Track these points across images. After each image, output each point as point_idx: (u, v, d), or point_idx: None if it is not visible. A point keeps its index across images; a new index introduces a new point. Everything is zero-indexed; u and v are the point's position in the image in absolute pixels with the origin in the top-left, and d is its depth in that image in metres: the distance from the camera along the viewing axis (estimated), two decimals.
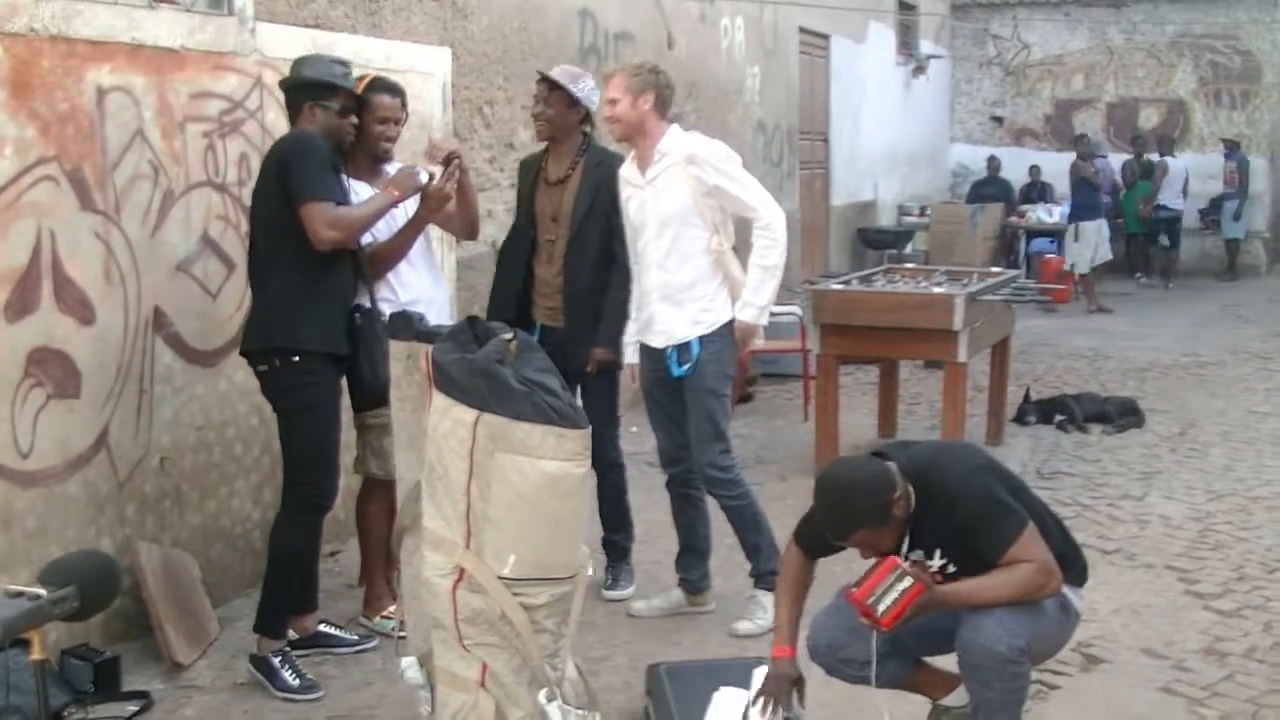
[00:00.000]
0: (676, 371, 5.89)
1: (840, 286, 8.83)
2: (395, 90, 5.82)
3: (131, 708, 5.13)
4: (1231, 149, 20.03)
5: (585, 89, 6.20)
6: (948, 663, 4.40)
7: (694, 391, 5.90)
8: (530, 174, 6.38)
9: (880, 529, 4.14)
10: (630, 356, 6.17)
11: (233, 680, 5.38)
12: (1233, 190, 19.88)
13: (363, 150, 5.74)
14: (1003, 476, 4.34)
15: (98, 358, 5.47)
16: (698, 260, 5.85)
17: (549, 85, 6.19)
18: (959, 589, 4.12)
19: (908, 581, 3.98)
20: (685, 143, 5.88)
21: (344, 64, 5.64)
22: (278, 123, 6.27)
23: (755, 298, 5.85)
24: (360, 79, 5.70)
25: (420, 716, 4.38)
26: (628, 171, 6.00)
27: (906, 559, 4.18)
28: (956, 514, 4.11)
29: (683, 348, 5.88)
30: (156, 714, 5.14)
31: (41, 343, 5.22)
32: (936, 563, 4.21)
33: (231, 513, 6.20)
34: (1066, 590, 4.30)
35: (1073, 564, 4.34)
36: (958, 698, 4.51)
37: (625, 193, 5.99)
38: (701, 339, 5.86)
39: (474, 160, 8.20)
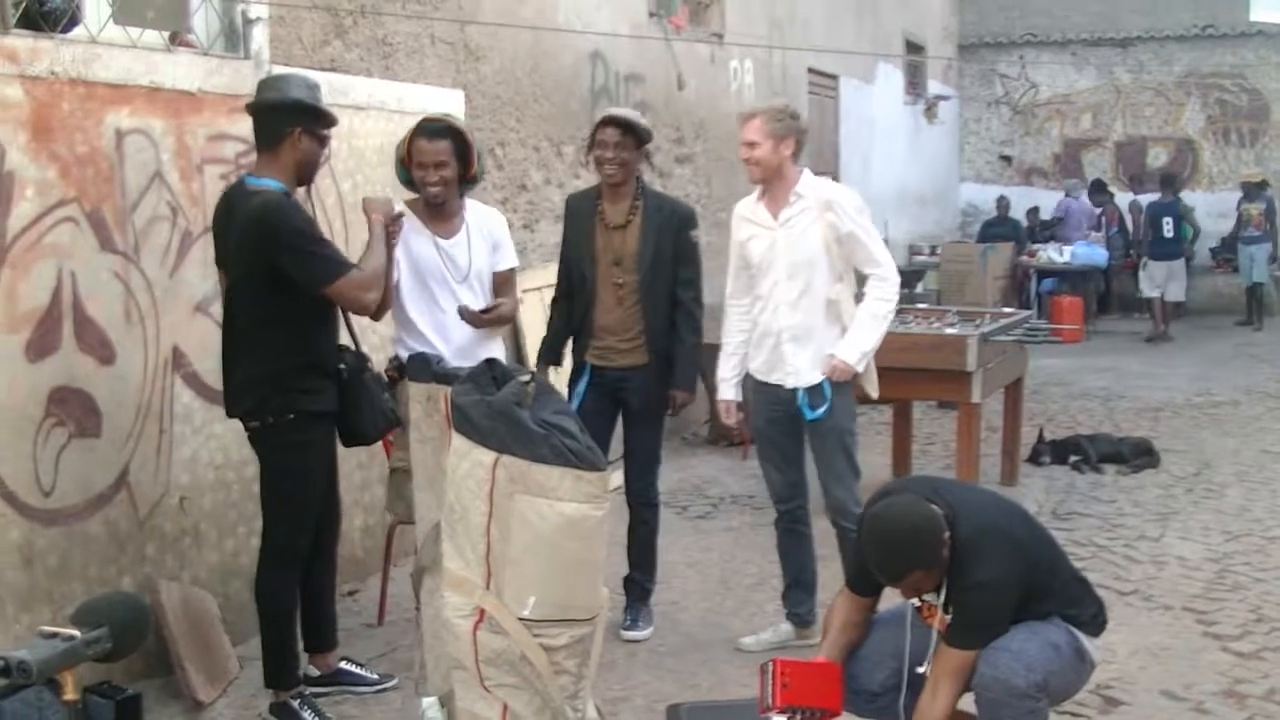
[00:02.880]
0: (811, 415, 5.93)
1: None
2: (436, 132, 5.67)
3: None
4: (1254, 190, 18.99)
5: (648, 128, 6.36)
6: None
7: (830, 433, 5.95)
8: (587, 217, 6.37)
9: (931, 571, 4.18)
10: (729, 393, 6.19)
11: (253, 717, 5.38)
12: (1261, 234, 18.68)
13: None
14: (1029, 561, 4.35)
15: (118, 397, 5.50)
16: (825, 303, 5.89)
17: (621, 129, 6.21)
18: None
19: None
20: (822, 188, 5.96)
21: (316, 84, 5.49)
22: None
23: (860, 341, 5.91)
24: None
25: None
26: (751, 211, 6.01)
27: (923, 599, 4.25)
28: (961, 592, 4.20)
29: (813, 390, 5.91)
30: None
31: (63, 382, 5.25)
32: (941, 600, 4.25)
33: (250, 551, 6.18)
34: (1082, 637, 4.32)
35: (1091, 617, 4.38)
36: None
37: (746, 232, 5.99)
38: (831, 381, 5.90)
39: (487, 200, 8.22)
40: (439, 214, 5.75)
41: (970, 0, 22.39)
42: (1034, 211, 20.72)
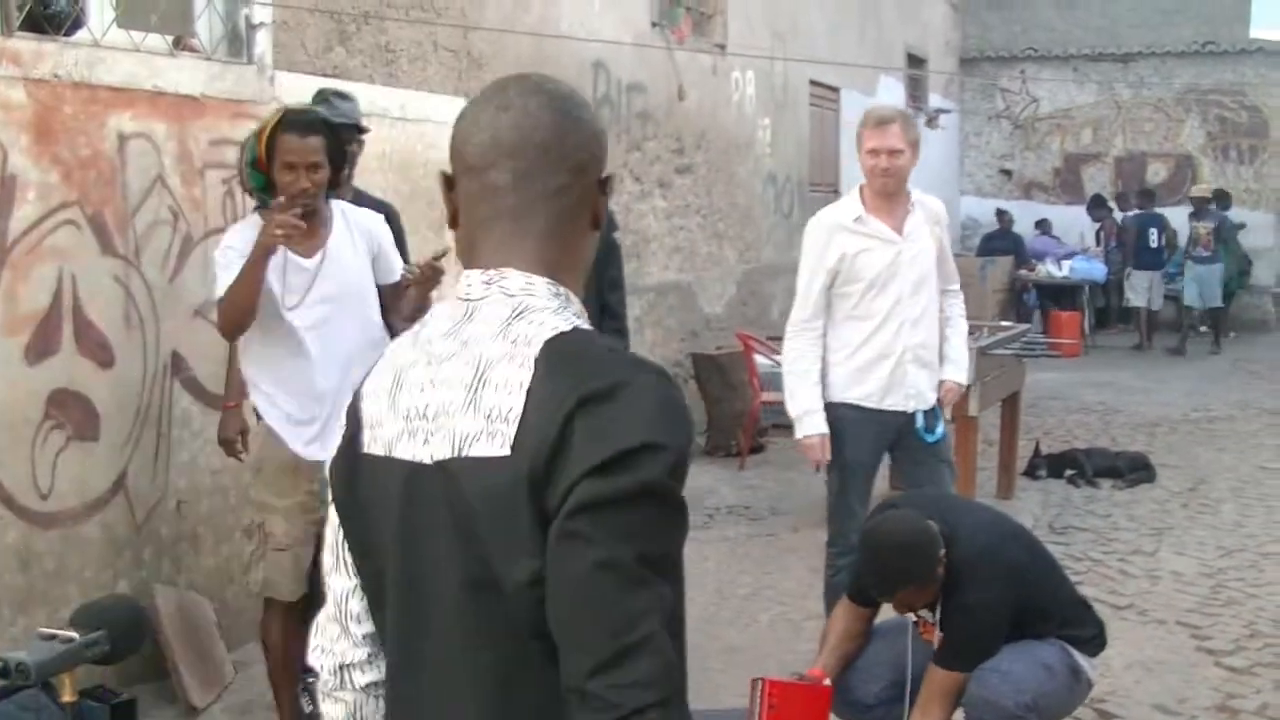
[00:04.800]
0: (930, 438, 5.68)
1: None
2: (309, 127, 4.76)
3: None
4: (1203, 207, 18.21)
5: None
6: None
7: (940, 461, 5.75)
8: None
9: (923, 588, 4.19)
10: (820, 426, 5.61)
11: None
12: (1210, 254, 17.97)
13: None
14: (1026, 584, 4.37)
15: (117, 400, 5.51)
16: (937, 321, 5.75)
17: None
18: None
19: None
20: (927, 199, 5.79)
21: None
22: None
23: (965, 361, 5.88)
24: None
25: None
26: (857, 222, 5.58)
27: (919, 615, 4.26)
28: (952, 613, 4.18)
29: (929, 413, 5.70)
30: None
31: (61, 385, 5.27)
32: (936, 619, 4.26)
33: (246, 557, 6.21)
34: (1079, 657, 4.34)
35: (1089, 637, 4.39)
36: None
37: (856, 245, 5.54)
38: (939, 403, 5.77)
39: None
40: (306, 226, 4.70)
41: (972, 14, 22.42)
42: (1043, 222, 20.69)
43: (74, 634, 2.87)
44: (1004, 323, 10.70)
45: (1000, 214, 20.64)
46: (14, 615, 5.04)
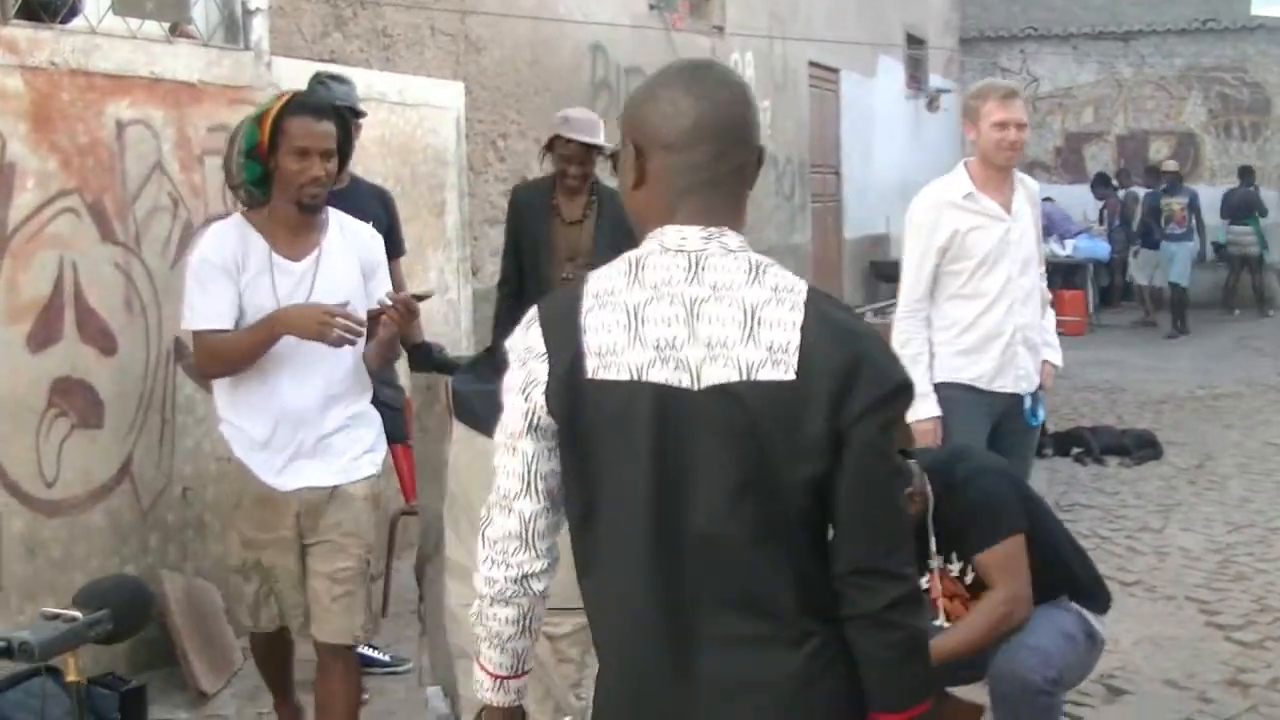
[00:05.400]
0: (1034, 420, 5.62)
1: None
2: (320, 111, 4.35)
3: None
4: (1175, 183, 18.18)
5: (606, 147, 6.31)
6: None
7: (1032, 443, 5.73)
8: (541, 212, 6.40)
9: None
10: (934, 409, 5.48)
11: (256, 710, 5.37)
12: (1183, 231, 17.80)
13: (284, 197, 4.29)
14: (1020, 488, 4.34)
15: (120, 388, 5.49)
16: (1040, 302, 5.68)
17: (587, 147, 6.26)
18: (935, 647, 4.12)
19: None
20: (1027, 179, 5.70)
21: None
22: None
23: (1057, 342, 5.85)
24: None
25: None
26: (966, 199, 5.45)
27: (929, 563, 4.19)
28: (958, 508, 4.09)
29: (1034, 395, 5.63)
30: None
31: (64, 373, 5.25)
32: (955, 567, 4.21)
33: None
34: (1090, 618, 4.30)
35: (1094, 593, 4.35)
36: None
37: (968, 222, 5.43)
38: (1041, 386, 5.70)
39: (488, 193, 8.24)
40: (301, 227, 4.30)
41: None
42: (1047, 200, 20.63)
43: (77, 614, 2.85)
44: None
45: None
46: (21, 603, 5.03)
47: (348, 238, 4.40)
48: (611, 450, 2.21)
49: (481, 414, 3.88)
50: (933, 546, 4.20)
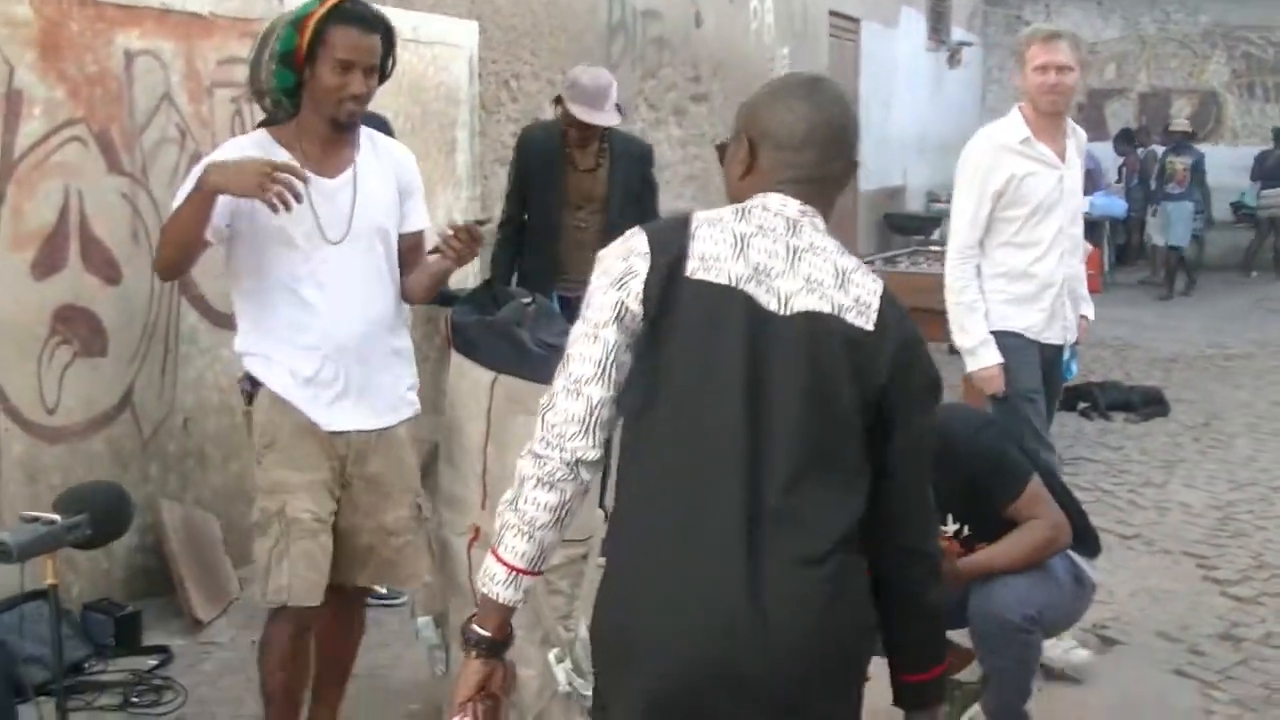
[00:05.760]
0: (1071, 373, 5.62)
1: None
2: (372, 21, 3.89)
3: (151, 661, 5.20)
4: (1182, 143, 17.70)
5: (615, 98, 6.33)
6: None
7: (1057, 396, 5.71)
8: (554, 158, 6.43)
9: None
10: (996, 356, 5.45)
11: (250, 638, 5.40)
12: (1182, 191, 17.25)
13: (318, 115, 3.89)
14: (1007, 433, 4.36)
15: (124, 317, 5.52)
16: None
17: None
18: (976, 559, 4.14)
19: None
20: (1079, 129, 5.65)
21: None
22: None
23: (1089, 296, 5.87)
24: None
25: (436, 676, 4.42)
26: (1022, 144, 5.40)
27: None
28: (963, 470, 4.09)
29: (1071, 348, 5.67)
30: (176, 668, 5.20)
31: (68, 300, 5.28)
32: (951, 528, 4.22)
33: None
34: (1079, 560, 4.31)
35: (1082, 534, 4.33)
36: (972, 673, 4.53)
37: (1024, 167, 5.38)
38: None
39: (500, 133, 8.22)
40: (332, 144, 3.92)
41: None
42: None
43: (56, 517, 2.88)
44: None
45: None
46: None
47: (381, 155, 4.04)
48: (696, 348, 2.43)
49: (480, 345, 3.91)
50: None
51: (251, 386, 3.92)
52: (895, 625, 2.59)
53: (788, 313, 2.43)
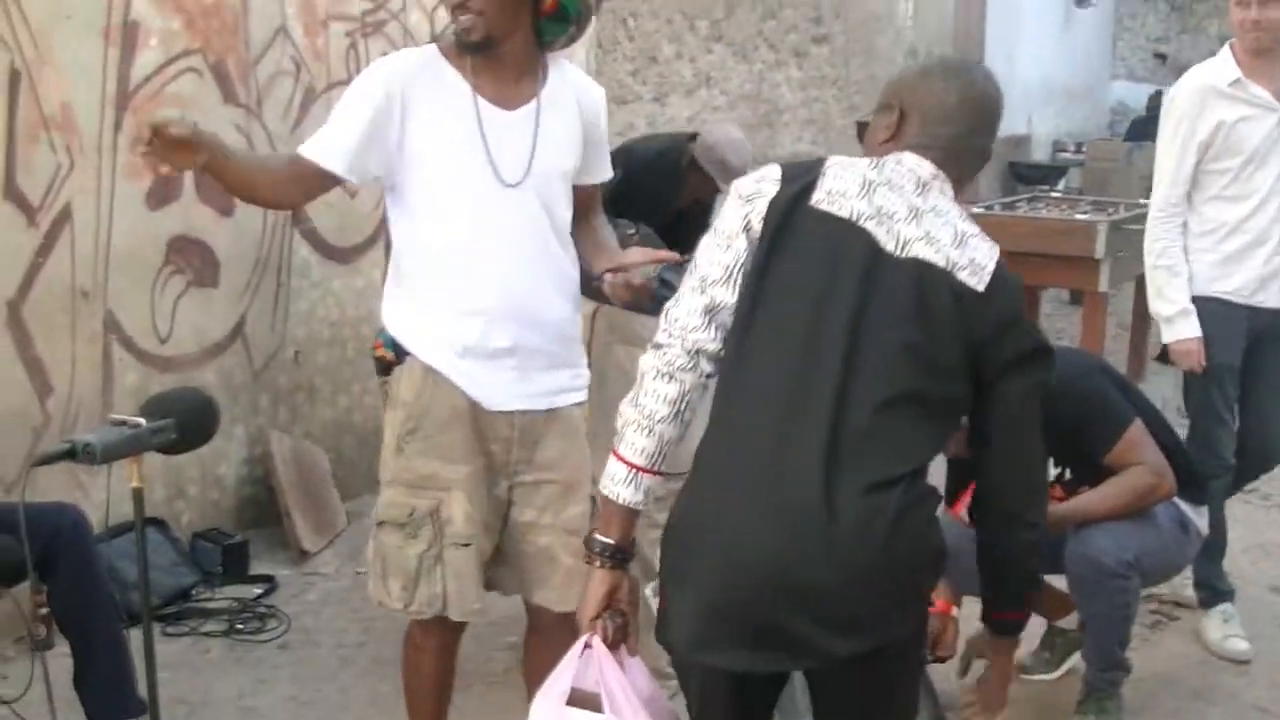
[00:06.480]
0: None
1: (981, 210, 8.68)
2: None
3: (257, 590, 5.29)
4: None
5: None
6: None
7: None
8: (662, 203, 5.66)
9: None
10: (1192, 329, 4.91)
11: (355, 569, 5.47)
12: None
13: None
14: (1113, 376, 4.26)
15: (236, 248, 5.57)
16: None
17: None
18: (1072, 505, 4.07)
19: None
20: None
21: None
22: (420, 25, 6.34)
23: None
24: None
25: None
26: (1235, 85, 4.85)
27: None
28: (1062, 413, 4.00)
29: None
30: (280, 596, 5.28)
31: (181, 231, 5.34)
32: (1052, 471, 4.14)
33: (364, 409, 6.27)
34: (1184, 506, 4.20)
35: (1188, 480, 4.22)
36: (1072, 620, 4.46)
37: (1236, 111, 4.84)
38: None
39: (616, 72, 8.18)
40: (493, 64, 3.25)
41: None
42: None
43: (141, 420, 2.91)
44: (1142, 201, 10.40)
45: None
46: None
47: (571, 90, 3.40)
48: (809, 270, 2.49)
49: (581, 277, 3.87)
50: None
51: (396, 355, 3.36)
52: (989, 582, 2.80)
53: (902, 254, 2.49)
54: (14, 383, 4.76)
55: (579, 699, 2.57)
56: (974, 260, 2.52)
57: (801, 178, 2.57)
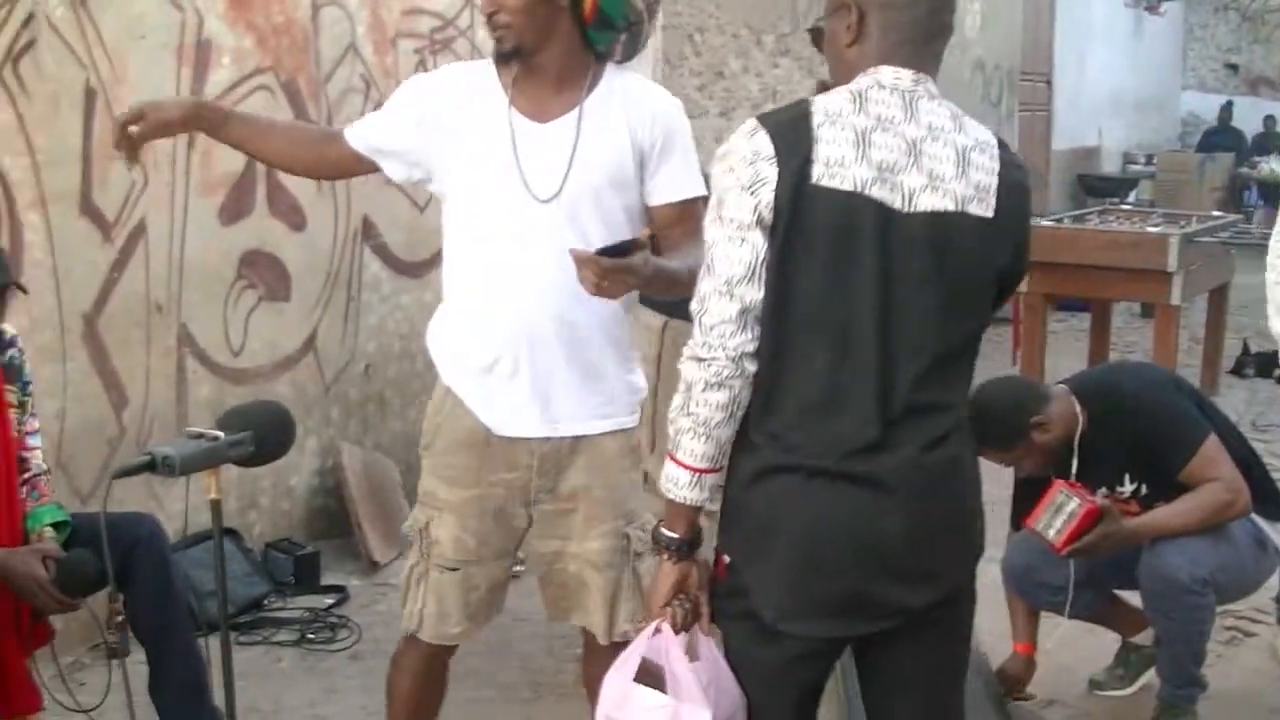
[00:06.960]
0: None
1: (1051, 223, 8.64)
2: None
3: (328, 600, 5.32)
4: None
5: None
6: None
7: None
8: None
9: (1010, 451, 4.07)
10: None
11: None
12: None
13: None
14: (1187, 391, 4.23)
15: (307, 263, 5.63)
16: None
17: None
18: (1147, 519, 4.03)
19: (1075, 503, 3.83)
20: None
21: None
22: (488, 42, 6.32)
23: None
24: None
25: None
26: None
27: (1094, 494, 4.06)
28: (1138, 428, 4.00)
29: None
30: (351, 607, 5.31)
31: (254, 246, 5.41)
32: (1128, 489, 4.11)
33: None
34: (1262, 524, 4.16)
35: (1266, 496, 4.18)
36: (1148, 636, 4.42)
37: None
38: None
39: (683, 87, 8.20)
40: (534, 75, 3.13)
41: None
42: (1270, 119, 19.86)
43: (220, 433, 2.94)
44: (1214, 213, 10.32)
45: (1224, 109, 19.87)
46: None
47: (622, 101, 3.16)
48: (827, 256, 2.45)
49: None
50: (1073, 470, 4.09)
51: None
52: None
53: (912, 209, 2.47)
54: (90, 395, 4.82)
55: (648, 671, 2.62)
56: (979, 184, 2.51)
57: (796, 147, 2.45)
